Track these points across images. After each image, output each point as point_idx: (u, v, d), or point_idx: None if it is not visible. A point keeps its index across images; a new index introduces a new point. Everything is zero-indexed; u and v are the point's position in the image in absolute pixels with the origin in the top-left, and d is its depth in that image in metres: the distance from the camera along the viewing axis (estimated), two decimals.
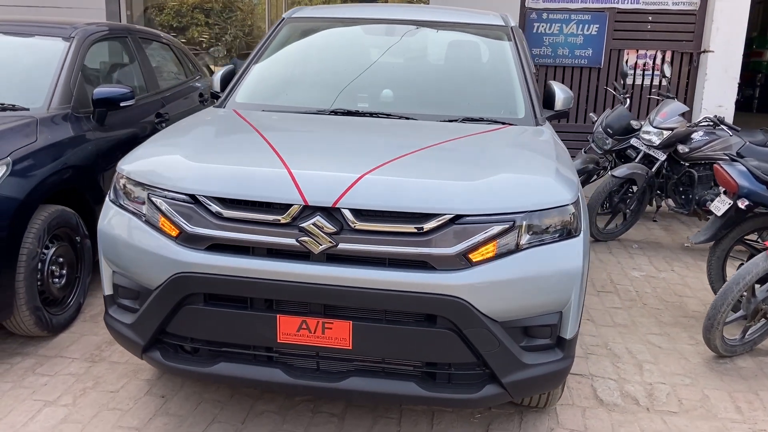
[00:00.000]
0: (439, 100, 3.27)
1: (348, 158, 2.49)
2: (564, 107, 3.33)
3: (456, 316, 2.21)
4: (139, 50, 4.81)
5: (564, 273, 2.31)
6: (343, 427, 2.77)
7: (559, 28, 8.20)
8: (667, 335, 3.74)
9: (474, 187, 2.27)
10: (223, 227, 2.27)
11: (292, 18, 3.82)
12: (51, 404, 2.85)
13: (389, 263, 2.23)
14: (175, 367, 2.43)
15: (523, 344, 2.34)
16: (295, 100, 3.27)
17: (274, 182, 2.28)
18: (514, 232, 2.25)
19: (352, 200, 2.22)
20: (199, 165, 2.40)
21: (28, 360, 3.21)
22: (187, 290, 2.30)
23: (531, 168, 2.49)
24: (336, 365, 2.37)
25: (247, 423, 2.77)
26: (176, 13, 9.88)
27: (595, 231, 5.38)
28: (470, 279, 2.20)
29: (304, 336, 2.28)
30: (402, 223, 2.21)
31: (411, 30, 3.64)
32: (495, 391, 2.32)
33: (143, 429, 2.70)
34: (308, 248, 2.22)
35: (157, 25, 9.60)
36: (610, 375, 3.27)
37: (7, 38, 4.06)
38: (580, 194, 2.52)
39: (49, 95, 3.67)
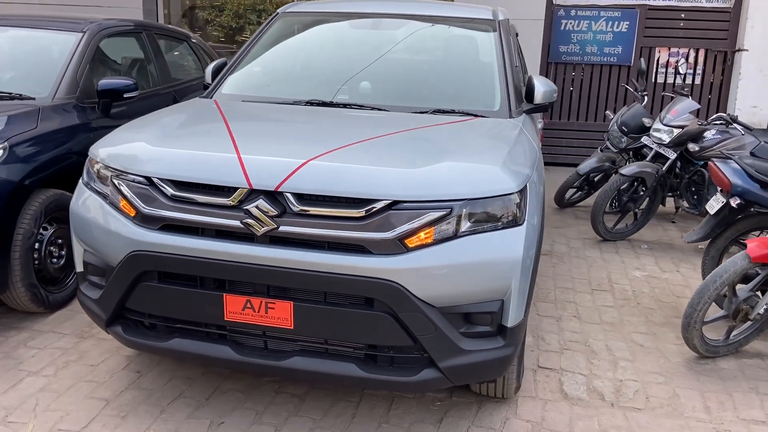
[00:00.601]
0: (416, 92, 3.32)
1: (300, 145, 2.57)
2: (544, 101, 3.32)
3: (391, 299, 2.26)
4: (153, 45, 5.02)
5: (503, 261, 2.33)
6: (302, 407, 2.85)
7: (588, 25, 8.08)
8: (653, 334, 3.69)
9: (413, 174, 2.32)
10: (175, 208, 2.39)
11: (286, 12, 3.93)
12: (33, 374, 3.03)
13: (329, 246, 2.30)
14: (134, 341, 2.56)
15: (462, 330, 2.37)
16: (277, 92, 3.37)
17: (223, 166, 2.38)
18: (451, 219, 2.29)
19: (295, 185, 2.30)
20: (156, 149, 2.52)
21: (23, 334, 3.42)
22: (141, 268, 2.42)
23: (479, 157, 2.52)
24: (282, 345, 2.45)
25: (212, 399, 2.88)
26: (234, 14, 10.30)
27: (603, 230, 5.30)
28: (405, 264, 2.25)
29: (248, 315, 2.37)
30: (341, 208, 2.28)
31: (397, 24, 3.70)
32: (433, 375, 2.36)
33: (112, 400, 2.85)
34: (252, 230, 2.31)
35: (217, 26, 10.11)
36: (581, 370, 3.25)
37: (25, 32, 4.31)
38: (531, 185, 2.53)
39: (55, 86, 3.88)
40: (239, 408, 2.82)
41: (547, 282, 4.43)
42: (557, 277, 4.54)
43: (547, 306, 4.02)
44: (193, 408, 2.81)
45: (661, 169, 5.13)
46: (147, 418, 2.72)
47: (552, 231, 5.64)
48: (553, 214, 6.22)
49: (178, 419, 2.73)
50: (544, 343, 3.51)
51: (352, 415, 2.81)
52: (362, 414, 2.82)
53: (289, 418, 2.77)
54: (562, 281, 4.46)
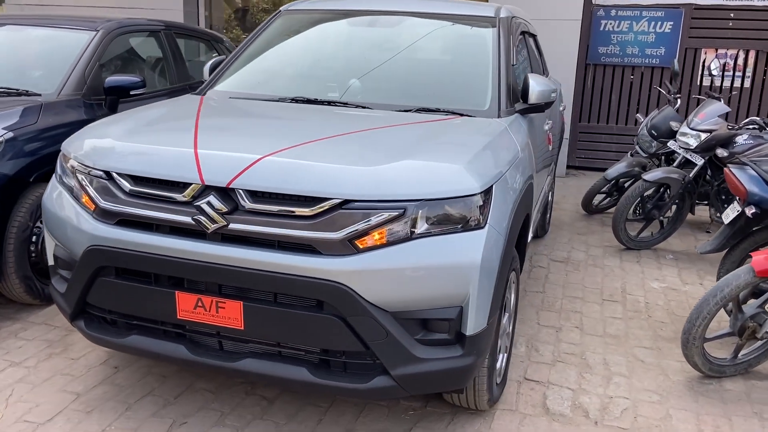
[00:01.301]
0: (405, 90, 3.22)
1: (263, 140, 2.50)
2: (539, 100, 3.16)
3: (340, 303, 2.17)
4: (171, 45, 5.08)
5: (460, 266, 2.21)
6: (269, 410, 2.79)
7: (629, 25, 7.77)
8: (657, 350, 3.46)
9: (366, 172, 2.22)
10: (131, 203, 2.37)
11: (288, 10, 3.89)
12: (16, 365, 3.08)
13: (279, 246, 2.23)
14: (95, 336, 2.55)
15: (418, 337, 2.26)
16: (266, 89, 3.32)
17: (178, 161, 2.35)
18: (406, 220, 2.18)
19: (247, 181, 2.25)
20: (118, 144, 2.51)
21: (16, 325, 3.48)
22: (98, 262, 2.41)
23: (443, 156, 2.39)
24: (235, 346, 2.40)
25: (180, 398, 2.85)
26: None
27: (625, 238, 5.05)
28: (355, 265, 2.16)
29: (200, 314, 2.32)
30: (292, 206, 2.21)
31: (395, 21, 3.61)
32: (386, 384, 2.26)
33: (83, 394, 2.85)
34: (202, 227, 2.26)
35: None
36: (570, 384, 3.07)
37: (44, 31, 4.42)
38: (499, 187, 2.40)
39: (62, 83, 3.96)
40: (205, 408, 2.78)
41: (556, 290, 4.24)
42: (568, 285, 4.34)
43: (549, 315, 3.84)
44: (159, 406, 2.79)
45: (687, 176, 4.85)
46: (111, 415, 2.71)
47: (574, 237, 5.42)
48: (579, 220, 5.98)
49: (142, 417, 2.71)
50: (536, 354, 3.35)
51: (318, 421, 2.73)
52: (329, 420, 2.73)
53: (253, 421, 2.71)
54: (572, 290, 4.26)
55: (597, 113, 8.10)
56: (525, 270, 4.58)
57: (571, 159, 8.17)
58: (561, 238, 5.39)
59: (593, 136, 8.13)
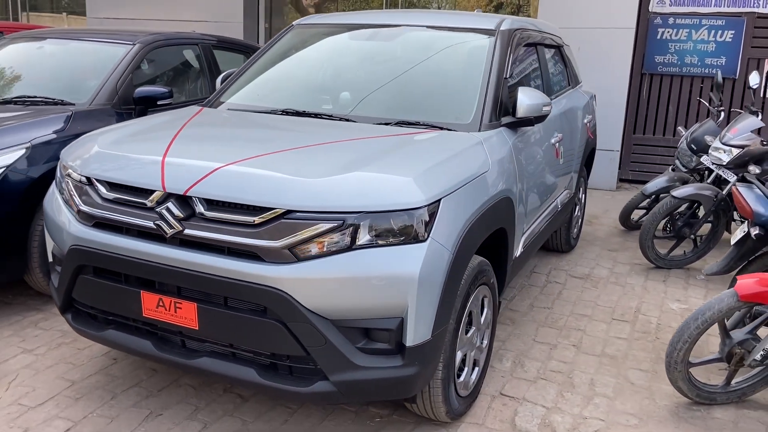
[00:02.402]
0: (391, 103, 3.28)
1: (227, 150, 2.64)
2: (528, 114, 3.14)
3: (280, 308, 2.26)
4: (207, 58, 5.35)
5: (397, 278, 2.25)
6: (242, 407, 2.91)
7: (687, 34, 7.47)
8: (653, 373, 3.34)
9: (309, 184, 2.31)
10: (105, 207, 2.56)
11: (300, 24, 4.04)
12: (27, 352, 3.36)
13: (228, 252, 2.35)
14: (79, 329, 2.76)
15: (360, 345, 2.32)
16: (262, 100, 3.47)
17: (146, 169, 2.52)
18: (345, 231, 2.25)
19: (202, 189, 2.38)
20: (100, 152, 2.71)
21: (38, 315, 3.79)
22: (78, 261, 2.62)
23: (394, 169, 2.44)
24: (195, 345, 2.53)
25: (163, 391, 3.03)
26: None
27: (653, 256, 4.87)
28: (294, 273, 2.25)
29: (161, 312, 2.48)
30: (239, 215, 2.33)
31: (397, 34, 3.67)
32: (326, 389, 2.33)
33: (78, 382, 3.08)
34: (162, 231, 2.42)
35: None
36: (545, 403, 3.03)
37: (86, 44, 4.77)
38: (450, 201, 2.42)
39: (95, 93, 4.27)
40: (183, 402, 2.94)
41: (565, 307, 4.15)
42: (579, 302, 4.24)
43: (548, 332, 3.78)
44: (142, 397, 2.97)
45: (720, 193, 4.62)
46: (96, 402, 2.92)
47: (603, 254, 5.28)
48: (615, 236, 5.81)
49: (123, 406, 2.90)
50: (520, 370, 3.31)
51: (284, 421, 2.83)
52: (294, 421, 2.83)
53: (223, 417, 2.84)
54: (582, 308, 4.16)
55: (653, 125, 7.82)
56: (537, 285, 4.52)
57: (623, 172, 7.92)
58: (589, 254, 5.26)
59: (648, 149, 7.85)
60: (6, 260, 3.62)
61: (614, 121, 7.57)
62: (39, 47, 4.85)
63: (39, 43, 4.89)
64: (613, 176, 7.69)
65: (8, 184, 3.53)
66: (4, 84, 4.53)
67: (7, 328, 3.61)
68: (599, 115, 7.31)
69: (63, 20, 12.80)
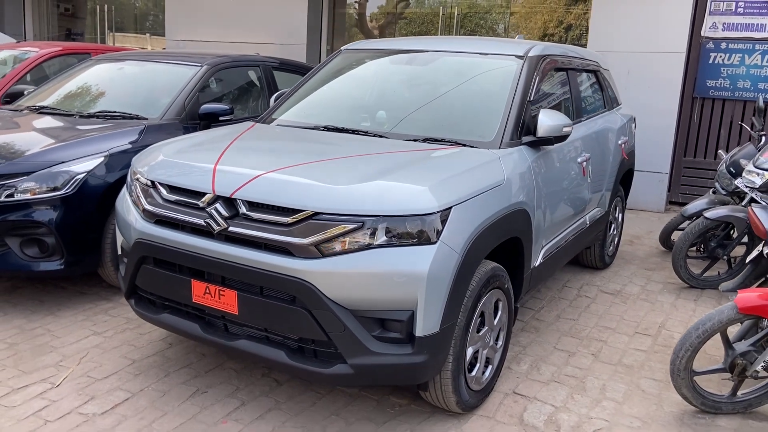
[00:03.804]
0: (422, 121, 3.59)
1: (269, 160, 3.02)
2: (548, 134, 3.40)
3: (306, 297, 2.61)
4: (267, 77, 5.83)
5: (408, 275, 2.56)
6: (276, 389, 3.26)
7: (740, 58, 7.48)
8: (666, 383, 3.49)
9: (335, 190, 2.65)
10: (165, 207, 2.98)
11: (348, 49, 4.43)
12: (97, 334, 3.83)
13: (265, 247, 2.72)
14: (141, 312, 3.19)
15: (375, 333, 2.63)
16: (307, 118, 3.86)
17: (200, 175, 2.92)
18: (364, 231, 2.58)
19: (245, 193, 2.76)
20: (163, 159, 3.15)
21: (108, 304, 4.27)
22: (141, 252, 3.04)
23: (412, 179, 2.75)
24: (235, 328, 2.91)
25: (210, 373, 3.42)
26: None
27: (686, 276, 4.97)
28: (319, 267, 2.59)
29: (207, 299, 2.87)
30: (276, 215, 2.69)
31: (433, 59, 4.00)
32: (344, 371, 2.65)
33: (138, 361, 3.51)
34: (210, 228, 2.81)
35: None
36: (554, 402, 3.24)
37: (159, 66, 5.33)
38: (461, 209, 2.71)
39: (165, 109, 4.78)
40: (226, 383, 3.32)
41: (590, 320, 4.33)
42: (605, 316, 4.41)
43: (569, 341, 3.98)
44: (191, 376, 3.37)
45: None
46: (152, 378, 3.33)
47: (638, 272, 5.40)
48: (654, 255, 5.91)
49: (175, 383, 3.30)
50: (535, 373, 3.53)
51: (312, 404, 3.16)
52: (321, 405, 3.15)
53: (259, 397, 3.20)
54: (607, 320, 4.33)
55: (704, 148, 7.83)
56: (567, 299, 4.71)
57: (673, 195, 7.94)
58: (624, 272, 5.39)
59: (699, 172, 7.85)
60: (83, 254, 4.12)
61: (663, 143, 7.65)
62: (120, 68, 5.44)
63: (120, 64, 5.49)
64: (662, 198, 7.73)
65: (88, 187, 4.04)
66: (89, 100, 5.11)
67: (81, 313, 4.10)
68: (647, 137, 7.43)
69: (146, 41, 13.72)
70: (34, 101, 5.23)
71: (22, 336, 3.76)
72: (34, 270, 4.01)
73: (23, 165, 3.96)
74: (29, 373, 3.35)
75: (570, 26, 9.88)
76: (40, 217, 3.92)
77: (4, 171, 3.91)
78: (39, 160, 3.99)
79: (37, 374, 3.33)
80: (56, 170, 3.98)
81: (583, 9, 9.43)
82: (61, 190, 3.96)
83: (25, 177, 3.91)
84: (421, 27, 11.06)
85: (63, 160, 4.03)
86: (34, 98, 5.30)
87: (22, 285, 4.52)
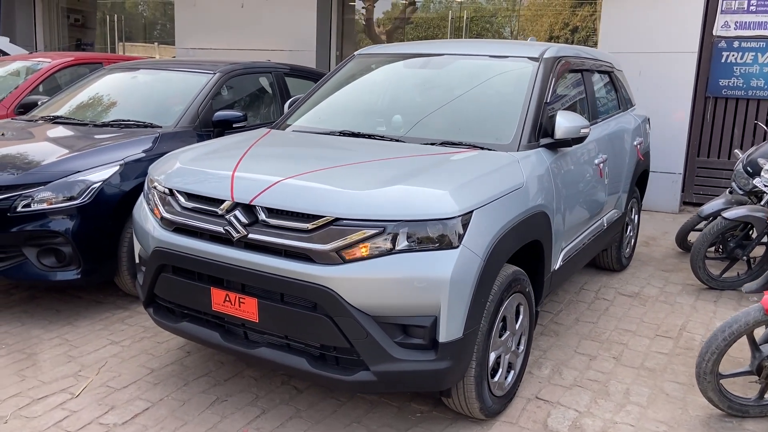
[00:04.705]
0: (437, 125, 3.57)
1: (287, 166, 3.00)
2: (565, 136, 3.37)
3: (327, 304, 2.58)
4: (279, 83, 5.83)
5: (430, 280, 2.53)
6: (297, 397, 3.24)
7: (753, 57, 7.42)
8: (690, 386, 3.45)
9: (356, 195, 2.63)
10: (183, 214, 2.97)
11: (360, 54, 4.42)
12: (115, 343, 3.82)
13: (285, 254, 2.70)
14: (159, 321, 3.18)
15: (398, 340, 2.60)
16: (323, 123, 3.84)
17: (218, 182, 2.91)
18: (386, 237, 2.55)
19: (265, 199, 2.75)
20: (180, 167, 3.14)
21: (125, 313, 4.27)
22: (160, 261, 3.03)
23: (432, 183, 2.72)
24: (257, 336, 2.88)
25: (229, 381, 3.40)
26: None
27: (705, 277, 4.92)
28: (340, 273, 2.56)
29: (227, 307, 2.85)
30: (296, 222, 2.67)
31: (448, 62, 3.98)
32: (367, 378, 2.62)
33: (156, 370, 3.50)
34: (230, 235, 2.79)
35: None
36: (578, 407, 3.20)
37: (172, 74, 5.34)
38: (483, 213, 2.68)
39: (179, 117, 4.78)
40: (245, 391, 3.30)
41: (609, 323, 4.29)
42: (624, 319, 4.37)
43: (590, 344, 3.93)
44: (210, 385, 3.35)
45: None
46: (171, 388, 3.31)
47: (656, 274, 5.35)
48: (671, 257, 5.85)
49: (194, 392, 3.28)
50: (557, 377, 3.49)
51: (333, 411, 3.13)
52: (342, 412, 3.13)
53: (279, 405, 3.18)
54: (626, 323, 4.29)
55: (717, 148, 7.77)
56: (585, 302, 4.66)
57: (687, 195, 7.88)
58: (641, 274, 5.34)
59: (713, 172, 7.79)
60: (100, 263, 4.11)
61: (677, 143, 7.59)
62: (133, 77, 5.45)
63: (133, 73, 5.50)
64: (676, 199, 7.67)
65: (104, 196, 4.03)
66: (102, 109, 5.12)
67: (99, 323, 4.10)
68: (660, 138, 7.38)
69: (155, 50, 13.77)
70: (48, 111, 5.25)
71: (40, 346, 3.75)
72: (51, 279, 4.01)
73: (39, 175, 3.96)
74: (48, 383, 3.34)
75: (576, 28, 9.86)
76: (57, 227, 3.92)
77: (21, 181, 3.92)
78: (55, 170, 3.99)
79: (56, 384, 3.33)
80: (72, 180, 3.98)
81: (590, 11, 9.41)
82: (77, 199, 3.96)
83: (42, 187, 3.92)
84: (428, 32, 11.07)
85: (79, 170, 4.03)
86: (48, 108, 5.32)
87: (39, 295, 4.52)
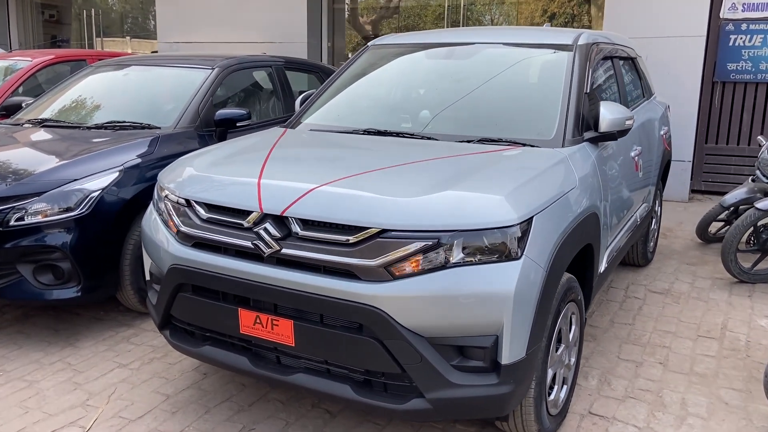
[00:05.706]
0: (472, 120, 3.30)
1: (319, 171, 2.71)
2: (611, 129, 3.12)
3: (376, 326, 2.30)
4: (280, 78, 5.51)
5: (493, 295, 2.26)
6: (330, 423, 2.96)
7: (762, 39, 7.23)
8: (747, 392, 3.23)
9: (404, 203, 2.35)
10: (203, 228, 2.66)
11: (375, 45, 4.12)
12: (123, 366, 3.50)
13: (325, 270, 2.41)
14: (177, 345, 2.87)
15: (455, 363, 2.34)
16: (343, 121, 3.55)
17: (243, 191, 2.61)
18: (440, 249, 2.28)
19: (299, 210, 2.45)
20: (198, 174, 2.83)
21: (129, 331, 3.95)
22: (178, 280, 2.72)
23: (485, 188, 2.45)
24: (290, 361, 2.60)
25: (254, 406, 3.11)
26: None
27: (737, 270, 4.71)
28: (390, 291, 2.28)
29: (258, 329, 2.56)
30: (336, 234, 2.38)
31: (473, 52, 3.70)
32: (421, 406, 2.35)
33: (172, 396, 3.20)
34: (259, 251, 2.50)
35: None
36: (636, 422, 2.97)
37: (166, 70, 4.99)
38: (542, 218, 2.42)
39: (179, 117, 4.45)
40: (273, 417, 3.01)
41: (647, 323, 4.06)
42: (661, 318, 4.14)
43: (632, 349, 3.70)
44: (234, 411, 3.06)
45: None
46: (192, 416, 3.02)
47: (681, 268, 5.14)
48: (693, 249, 5.65)
49: (217, 420, 2.99)
50: (608, 388, 3.26)
51: None
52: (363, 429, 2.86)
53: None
54: (664, 324, 4.06)
55: (726, 134, 7.58)
56: (616, 301, 4.44)
57: (696, 183, 7.70)
58: (667, 268, 5.13)
59: (722, 159, 7.61)
60: (101, 279, 3.78)
61: (685, 131, 7.40)
62: (124, 74, 5.09)
63: (124, 70, 5.14)
64: (686, 187, 7.49)
65: (104, 205, 3.70)
66: (94, 110, 4.77)
67: (102, 343, 3.78)
68: None
69: (126, 44, 13.26)
70: (34, 114, 4.88)
71: (41, 372, 3.43)
72: (49, 299, 3.67)
73: (33, 185, 3.62)
74: (55, 415, 3.03)
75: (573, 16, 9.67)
76: (54, 241, 3.59)
77: (13, 192, 3.58)
78: (49, 179, 3.66)
79: (63, 416, 3.02)
80: (68, 189, 3.65)
81: None
82: (74, 210, 3.63)
83: (36, 198, 3.58)
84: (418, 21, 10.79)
85: (75, 178, 3.70)
86: (34, 111, 4.95)
87: (33, 313, 4.18)
